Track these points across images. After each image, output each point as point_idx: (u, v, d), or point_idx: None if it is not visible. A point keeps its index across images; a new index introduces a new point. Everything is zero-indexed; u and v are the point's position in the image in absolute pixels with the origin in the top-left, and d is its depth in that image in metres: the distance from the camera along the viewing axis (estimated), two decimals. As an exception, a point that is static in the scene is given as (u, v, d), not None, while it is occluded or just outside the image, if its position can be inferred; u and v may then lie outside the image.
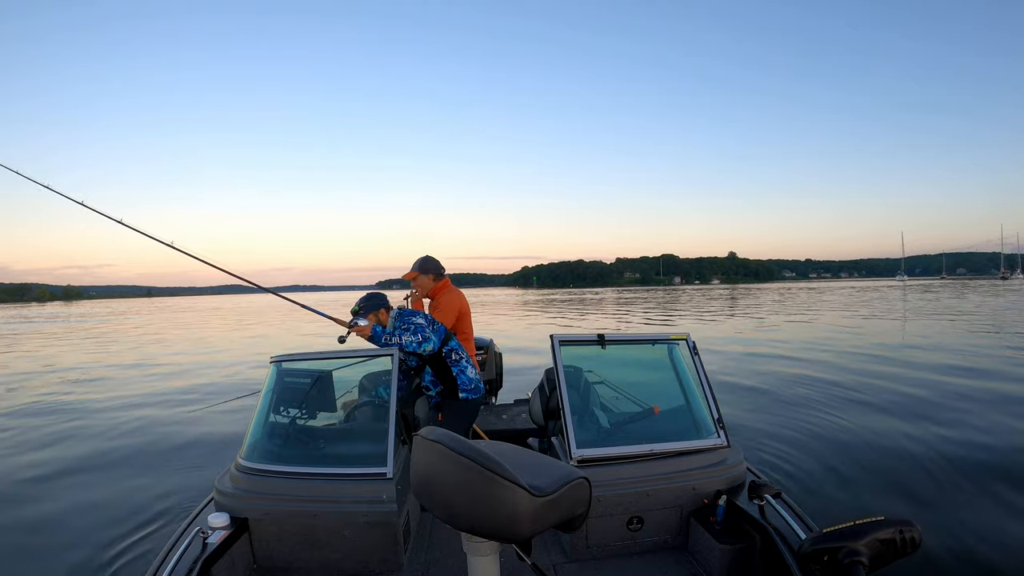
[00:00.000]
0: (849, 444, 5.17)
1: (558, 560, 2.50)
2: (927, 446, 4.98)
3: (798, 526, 2.13)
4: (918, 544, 1.72)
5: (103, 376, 11.54)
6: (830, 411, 6.37)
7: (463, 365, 3.22)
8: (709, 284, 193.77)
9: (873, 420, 5.94)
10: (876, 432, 5.48)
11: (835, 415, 6.19)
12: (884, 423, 5.80)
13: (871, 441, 5.23)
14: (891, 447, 5.02)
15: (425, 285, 3.73)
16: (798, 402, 6.91)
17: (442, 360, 3.19)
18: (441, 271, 3.77)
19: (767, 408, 6.68)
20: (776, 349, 12.14)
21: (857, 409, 6.45)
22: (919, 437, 5.26)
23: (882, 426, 5.69)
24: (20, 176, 3.67)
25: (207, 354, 15.16)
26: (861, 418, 6.04)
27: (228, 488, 2.45)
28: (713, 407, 2.69)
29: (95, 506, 4.35)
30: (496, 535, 1.41)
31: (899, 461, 4.67)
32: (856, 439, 5.32)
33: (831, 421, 5.96)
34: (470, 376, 3.23)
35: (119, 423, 7.20)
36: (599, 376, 3.18)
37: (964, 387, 7.45)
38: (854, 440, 5.28)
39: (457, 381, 3.18)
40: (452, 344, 3.24)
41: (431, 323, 3.20)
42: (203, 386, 9.82)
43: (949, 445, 4.98)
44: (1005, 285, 65.90)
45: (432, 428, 1.52)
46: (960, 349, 11.23)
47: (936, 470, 4.44)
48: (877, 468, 4.55)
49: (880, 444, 5.12)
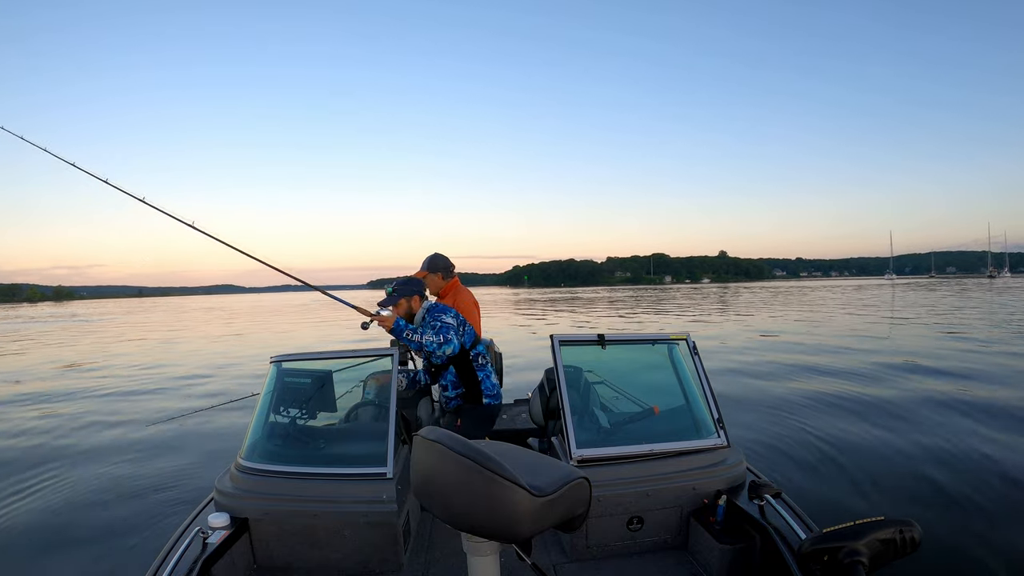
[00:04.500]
0: (849, 444, 5.20)
1: (558, 560, 2.50)
2: (927, 446, 5.00)
3: (798, 526, 2.14)
4: (918, 544, 1.73)
5: (102, 374, 11.46)
6: (830, 410, 6.40)
7: (488, 370, 3.15)
8: (699, 283, 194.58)
9: (873, 419, 5.97)
10: (876, 432, 5.51)
11: (835, 415, 6.22)
12: (884, 423, 5.83)
13: (871, 441, 5.26)
14: (891, 447, 5.05)
15: (435, 284, 3.56)
16: (798, 402, 6.94)
17: (468, 363, 3.10)
18: (451, 269, 3.60)
19: (767, 408, 6.70)
20: (775, 348, 12.22)
21: (857, 409, 6.49)
22: (919, 436, 5.28)
23: (882, 425, 5.72)
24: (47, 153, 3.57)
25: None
26: (861, 417, 6.07)
27: (228, 488, 2.44)
28: (713, 407, 2.70)
29: (95, 506, 4.32)
30: (496, 535, 1.41)
31: (899, 461, 4.70)
32: (856, 439, 5.34)
33: (831, 421, 5.99)
34: (494, 381, 3.17)
35: (120, 422, 7.17)
36: (599, 376, 3.19)
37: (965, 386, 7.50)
38: (854, 440, 5.31)
39: (482, 386, 3.12)
40: (480, 348, 3.16)
41: (462, 324, 3.08)
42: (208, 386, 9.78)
43: (949, 445, 5.00)
44: (990, 283, 66.89)
45: (432, 428, 1.52)
46: (948, 350, 11.36)
47: (936, 470, 4.46)
48: (877, 468, 4.58)
49: (880, 444, 5.15)
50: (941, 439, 5.20)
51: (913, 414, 6.18)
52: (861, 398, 7.02)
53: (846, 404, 6.75)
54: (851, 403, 6.80)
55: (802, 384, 8.12)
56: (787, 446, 5.18)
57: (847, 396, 7.18)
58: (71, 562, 3.47)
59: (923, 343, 12.63)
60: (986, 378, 8.28)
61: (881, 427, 5.68)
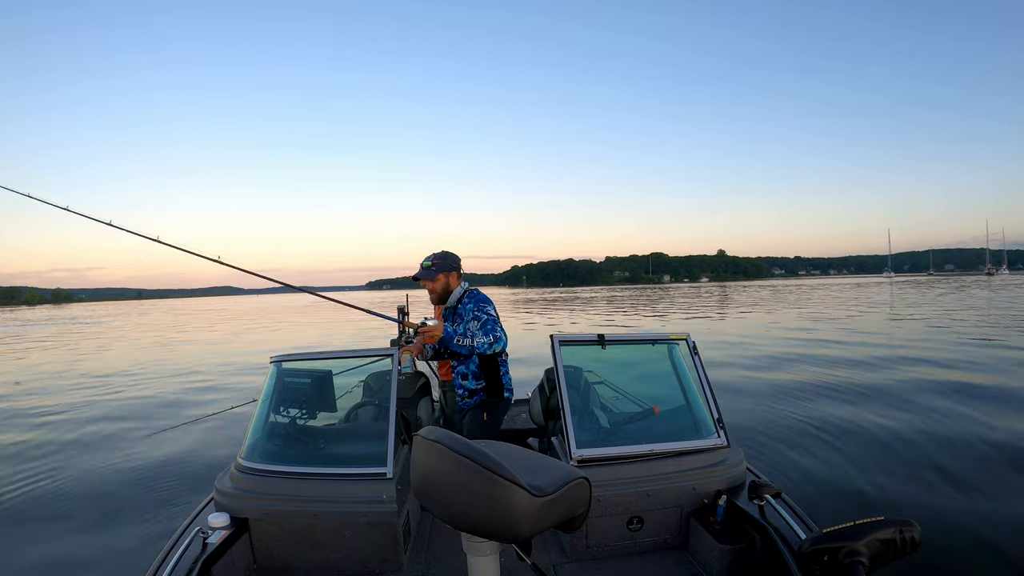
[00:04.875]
0: (849, 444, 5.19)
1: (558, 560, 2.50)
2: (928, 446, 5.00)
3: (798, 526, 2.14)
4: (918, 544, 1.73)
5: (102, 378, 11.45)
6: (830, 410, 6.39)
7: (508, 365, 3.15)
8: (698, 282, 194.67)
9: (873, 419, 5.96)
10: (876, 431, 5.50)
11: (835, 415, 6.21)
12: (884, 422, 5.83)
13: (871, 440, 5.25)
14: (891, 446, 5.04)
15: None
16: (797, 401, 6.94)
17: (493, 356, 3.06)
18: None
19: (766, 407, 6.70)
20: (775, 347, 12.24)
21: (857, 408, 6.48)
22: (919, 436, 5.28)
23: (882, 425, 5.72)
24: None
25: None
26: (861, 417, 6.06)
27: (228, 488, 2.44)
28: (713, 407, 2.69)
29: (95, 506, 4.33)
30: (496, 535, 1.41)
31: (899, 461, 4.69)
32: (856, 438, 5.34)
33: (831, 421, 5.98)
34: (510, 376, 3.20)
35: (120, 422, 7.16)
36: (599, 376, 3.19)
37: (963, 385, 7.50)
38: (854, 439, 5.31)
39: (503, 380, 3.13)
40: (502, 341, 3.06)
41: (498, 316, 2.93)
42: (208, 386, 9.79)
43: (949, 444, 5.00)
44: (988, 281, 67.19)
45: (432, 428, 1.52)
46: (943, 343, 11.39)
47: (936, 470, 4.45)
48: (877, 468, 4.57)
49: (880, 443, 5.15)
50: (942, 439, 5.20)
51: (915, 413, 6.18)
52: (861, 399, 7.01)
53: (846, 405, 6.74)
54: (851, 404, 6.80)
55: (802, 383, 8.13)
56: (787, 446, 5.18)
57: (847, 397, 7.18)
58: (71, 562, 3.47)
59: (925, 339, 12.67)
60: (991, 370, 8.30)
61: (880, 428, 5.68)
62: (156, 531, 3.76)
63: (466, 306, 2.91)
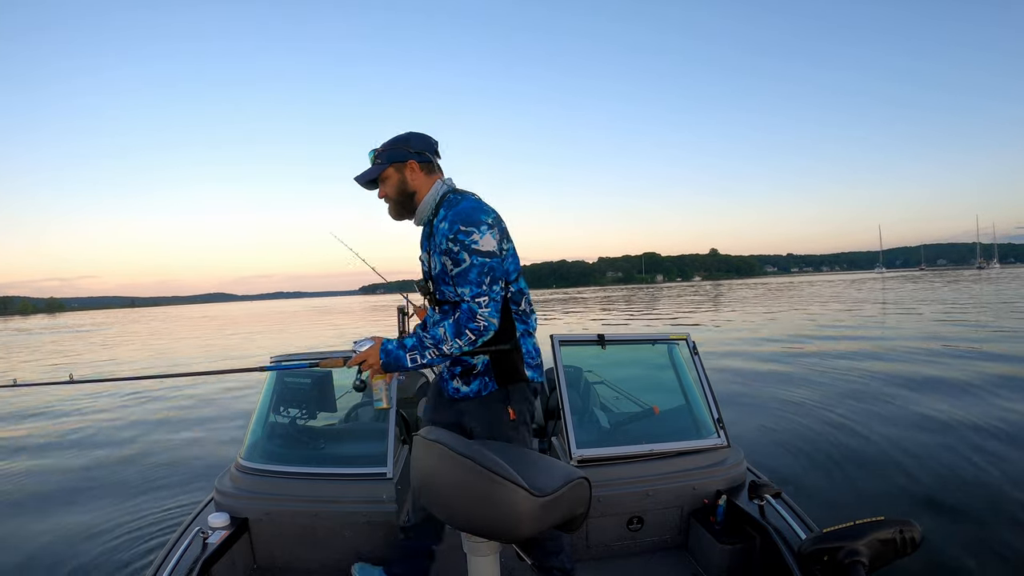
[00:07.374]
0: (849, 443, 5.18)
1: None
2: (927, 446, 4.99)
3: (798, 526, 2.15)
4: (918, 544, 1.74)
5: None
6: (830, 410, 6.37)
7: (532, 323, 2.10)
8: (691, 281, 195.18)
9: (873, 419, 5.96)
10: (876, 431, 5.50)
11: (835, 414, 6.20)
12: (884, 422, 5.82)
13: (871, 440, 5.24)
14: (891, 446, 5.04)
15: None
16: (797, 401, 6.92)
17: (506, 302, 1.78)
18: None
19: (766, 407, 6.69)
20: (774, 346, 12.25)
21: (856, 408, 6.46)
22: (919, 436, 5.28)
23: (882, 425, 5.71)
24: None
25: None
26: (861, 417, 6.05)
27: (228, 488, 2.43)
28: (713, 407, 2.70)
29: (95, 506, 4.30)
30: (496, 535, 1.41)
31: (899, 460, 4.69)
32: (856, 438, 5.33)
33: (831, 421, 5.97)
34: (536, 344, 2.14)
35: (119, 422, 7.13)
36: (599, 376, 3.19)
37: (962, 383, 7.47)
38: (854, 439, 5.30)
39: (522, 347, 2.79)
40: (522, 284, 2.00)
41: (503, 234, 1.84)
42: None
43: (949, 444, 4.99)
44: (979, 274, 67.88)
45: (432, 428, 1.52)
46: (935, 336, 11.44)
47: (936, 469, 4.45)
48: (878, 468, 4.57)
49: (880, 443, 5.14)
50: (942, 439, 5.19)
51: (915, 413, 6.18)
52: (861, 398, 6.99)
53: (846, 403, 6.73)
54: (851, 402, 6.80)
55: (801, 383, 8.10)
56: (787, 446, 5.17)
57: (847, 397, 7.16)
58: (71, 562, 3.44)
59: (928, 335, 12.69)
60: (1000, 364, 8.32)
61: (880, 428, 5.68)
62: (156, 531, 3.74)
63: (439, 227, 1.76)
